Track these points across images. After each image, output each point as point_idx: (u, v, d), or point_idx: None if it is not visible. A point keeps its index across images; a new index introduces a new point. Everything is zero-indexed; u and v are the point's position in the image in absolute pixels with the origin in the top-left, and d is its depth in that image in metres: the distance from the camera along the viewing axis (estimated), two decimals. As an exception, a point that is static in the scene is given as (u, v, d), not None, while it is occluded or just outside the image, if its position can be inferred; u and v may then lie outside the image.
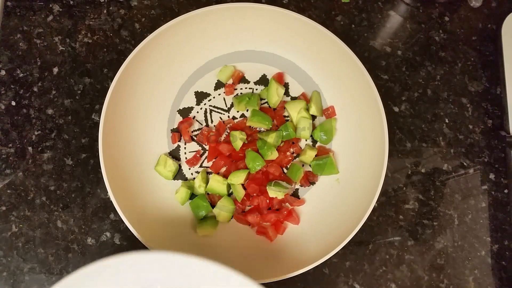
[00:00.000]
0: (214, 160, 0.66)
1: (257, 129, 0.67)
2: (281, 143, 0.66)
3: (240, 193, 0.64)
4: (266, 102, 0.68)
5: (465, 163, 0.69)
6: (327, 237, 0.60)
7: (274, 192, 0.63)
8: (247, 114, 0.68)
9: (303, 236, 0.63)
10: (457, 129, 0.71)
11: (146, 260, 0.43)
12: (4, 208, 0.64)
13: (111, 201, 0.58)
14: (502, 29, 0.71)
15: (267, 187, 0.63)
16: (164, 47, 0.63)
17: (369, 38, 0.74)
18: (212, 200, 0.65)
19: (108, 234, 0.64)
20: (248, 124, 0.66)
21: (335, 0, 0.75)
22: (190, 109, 0.68)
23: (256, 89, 0.69)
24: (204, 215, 0.64)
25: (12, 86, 0.68)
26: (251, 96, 0.66)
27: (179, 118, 0.68)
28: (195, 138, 0.67)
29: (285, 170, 0.67)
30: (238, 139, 0.64)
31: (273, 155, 0.64)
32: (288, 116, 0.68)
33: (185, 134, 0.66)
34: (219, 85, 0.69)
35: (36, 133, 0.67)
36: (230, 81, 0.69)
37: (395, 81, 0.72)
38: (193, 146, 0.67)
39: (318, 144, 0.68)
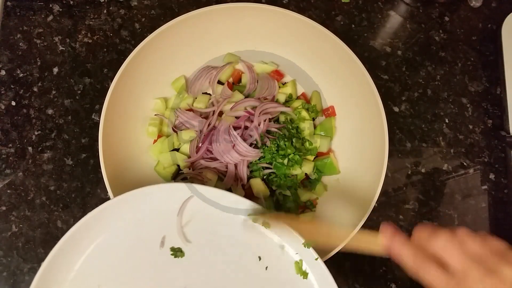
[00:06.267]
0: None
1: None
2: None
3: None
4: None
5: (465, 163, 0.69)
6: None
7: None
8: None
9: (303, 236, 0.63)
10: (457, 129, 0.71)
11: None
12: (4, 208, 0.64)
13: (111, 201, 0.58)
14: (502, 29, 0.71)
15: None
16: (164, 47, 0.63)
17: (369, 38, 0.74)
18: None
19: (108, 234, 0.64)
20: None
21: (335, 0, 0.75)
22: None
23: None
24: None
25: (12, 86, 0.68)
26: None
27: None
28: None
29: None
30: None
31: None
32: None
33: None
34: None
35: (36, 133, 0.67)
36: (230, 80, 0.69)
37: (395, 81, 0.72)
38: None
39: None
